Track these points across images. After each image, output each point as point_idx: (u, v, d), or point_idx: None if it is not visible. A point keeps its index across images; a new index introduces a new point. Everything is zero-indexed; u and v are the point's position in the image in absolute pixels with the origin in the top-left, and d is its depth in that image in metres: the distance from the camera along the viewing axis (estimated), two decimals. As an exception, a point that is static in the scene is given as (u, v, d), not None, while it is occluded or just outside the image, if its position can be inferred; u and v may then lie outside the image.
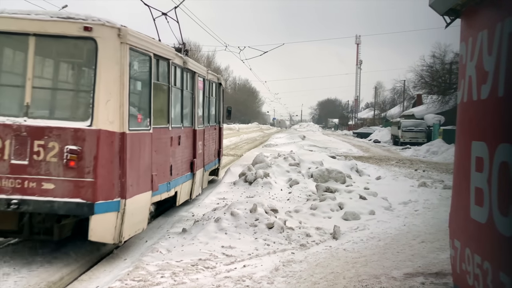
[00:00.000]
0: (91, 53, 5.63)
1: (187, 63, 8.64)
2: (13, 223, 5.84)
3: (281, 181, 11.29)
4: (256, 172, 11.07)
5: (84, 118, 5.54)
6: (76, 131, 5.46)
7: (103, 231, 5.62)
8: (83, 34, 5.56)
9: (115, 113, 5.62)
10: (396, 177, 13.92)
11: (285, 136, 36.19)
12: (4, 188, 5.42)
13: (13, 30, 5.62)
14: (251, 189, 10.43)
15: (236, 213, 7.00)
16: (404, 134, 37.36)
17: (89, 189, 5.46)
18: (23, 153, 5.48)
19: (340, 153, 24.60)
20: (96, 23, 5.61)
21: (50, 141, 5.46)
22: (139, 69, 6.45)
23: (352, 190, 10.12)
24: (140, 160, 6.12)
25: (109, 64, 5.62)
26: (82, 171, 5.46)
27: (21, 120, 5.51)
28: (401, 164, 19.54)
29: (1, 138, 5.48)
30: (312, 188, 10.54)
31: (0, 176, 5.42)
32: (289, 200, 9.68)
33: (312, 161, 13.41)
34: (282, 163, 12.66)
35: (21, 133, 5.47)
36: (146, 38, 6.38)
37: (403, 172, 16.42)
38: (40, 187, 5.44)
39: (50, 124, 5.48)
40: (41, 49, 5.72)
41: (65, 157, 5.45)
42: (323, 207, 8.73)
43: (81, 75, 6.20)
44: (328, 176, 11.78)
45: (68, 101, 5.95)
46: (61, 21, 5.61)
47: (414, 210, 9.22)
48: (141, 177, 6.20)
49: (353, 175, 12.97)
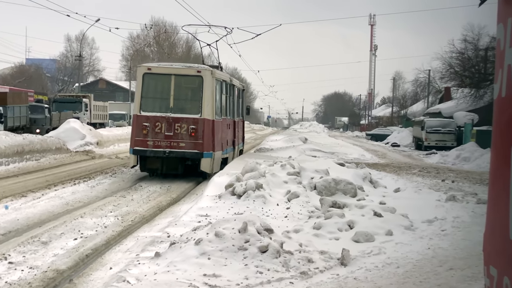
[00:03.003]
0: (200, 83, 15.85)
1: (232, 80, 20.01)
2: (158, 164, 15.96)
3: (278, 194, 11.29)
4: (246, 183, 11.06)
5: (197, 113, 15.70)
6: (194, 119, 15.63)
7: (205, 166, 15.61)
8: (196, 74, 15.90)
9: (210, 110, 15.70)
10: (419, 189, 13.97)
11: (282, 139, 36.23)
12: (162, 145, 15.48)
13: (165, 72, 16.18)
14: (241, 204, 10.42)
15: (221, 234, 6.99)
16: (429, 136, 37.57)
17: (200, 146, 15.51)
18: (170, 129, 15.52)
19: (350, 159, 24.64)
20: (202, 69, 16.04)
21: (183, 123, 15.56)
22: (217, 88, 16.62)
23: (365, 205, 10.15)
24: (218, 134, 16.35)
25: (207, 87, 15.74)
26: (197, 137, 15.53)
27: (169, 114, 15.64)
28: (425, 173, 19.62)
29: (160, 122, 15.55)
30: (315, 203, 10.56)
31: (160, 140, 15.52)
32: (287, 217, 9.68)
33: (315, 169, 13.42)
34: (279, 172, 12.67)
35: (169, 120, 15.54)
36: (220, 72, 17.34)
37: (428, 183, 16.47)
38: (178, 145, 15.46)
39: (182, 116, 15.64)
40: (177, 81, 15.98)
41: (189, 131, 15.55)
42: (329, 226, 8.74)
43: (195, 93, 16.13)
44: (335, 188, 11.79)
45: (190, 105, 16.12)
46: (186, 68, 16.24)
47: (441, 230, 9.25)
48: (219, 143, 16.38)
49: (366, 186, 12.99)
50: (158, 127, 15.74)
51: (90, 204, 11.86)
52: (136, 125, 15.98)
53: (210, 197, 11.39)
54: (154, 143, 15.74)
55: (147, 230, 9.45)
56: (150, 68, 16.45)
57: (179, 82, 16.24)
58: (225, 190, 11.50)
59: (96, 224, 9.77)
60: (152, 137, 15.75)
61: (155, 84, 16.53)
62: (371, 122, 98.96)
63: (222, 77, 17.87)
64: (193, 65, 17.13)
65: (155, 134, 15.74)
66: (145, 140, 15.78)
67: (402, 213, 10.00)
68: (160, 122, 15.72)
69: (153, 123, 15.77)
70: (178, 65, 16.87)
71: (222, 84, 17.72)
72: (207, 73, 16.09)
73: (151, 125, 15.77)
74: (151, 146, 15.75)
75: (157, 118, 15.79)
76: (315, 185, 12.02)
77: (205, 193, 11.92)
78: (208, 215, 9.83)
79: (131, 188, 14.20)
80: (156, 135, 15.74)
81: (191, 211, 10.26)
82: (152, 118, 15.81)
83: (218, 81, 17.03)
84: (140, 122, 15.89)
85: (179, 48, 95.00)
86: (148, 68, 16.47)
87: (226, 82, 18.70)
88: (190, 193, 14.22)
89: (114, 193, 13.36)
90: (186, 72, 16.29)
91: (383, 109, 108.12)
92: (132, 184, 14.95)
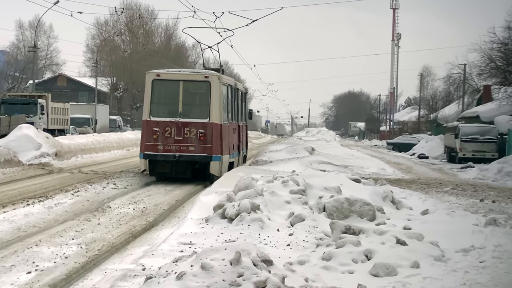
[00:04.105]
0: (207, 88, 20.23)
1: (236, 84, 24.49)
2: (167, 168, 20.04)
3: (278, 217, 11.29)
4: (240, 204, 11.07)
5: (206, 117, 20.10)
6: (203, 123, 20.00)
7: (214, 169, 19.93)
8: (204, 79, 20.38)
9: (218, 114, 20.16)
10: (452, 211, 14.00)
11: (284, 149, 36.21)
12: (172, 149, 19.75)
13: (173, 78, 20.63)
14: (233, 230, 10.42)
15: (209, 266, 7.00)
16: (465, 146, 37.66)
17: (209, 149, 19.87)
18: (180, 133, 19.76)
19: (367, 174, 24.65)
20: (210, 74, 20.61)
21: (192, 128, 19.87)
22: (224, 93, 21.01)
23: (386, 231, 10.16)
24: (226, 138, 20.84)
25: (215, 92, 20.16)
26: (206, 141, 19.83)
27: (178, 119, 19.93)
28: (460, 192, 19.66)
29: (170, 127, 19.79)
30: (324, 228, 10.57)
31: (170, 144, 19.79)
32: (290, 246, 9.70)
33: (324, 186, 13.43)
34: (280, 190, 12.67)
35: (178, 124, 19.83)
36: (226, 77, 22.92)
37: (463, 203, 16.50)
38: (188, 149, 19.79)
39: (191, 120, 20.00)
40: (185, 86, 20.34)
41: (198, 135, 19.81)
42: (341, 257, 8.75)
43: (203, 98, 20.45)
44: (349, 210, 11.80)
45: (198, 109, 20.42)
46: (194, 74, 21.28)
47: (479, 262, 9.27)
48: (226, 147, 20.86)
49: (387, 207, 13.01)
50: (167, 131, 19.82)
51: (47, 229, 11.85)
52: (146, 130, 20.09)
53: (195, 220, 11.39)
54: (164, 147, 19.86)
55: (117, 262, 9.46)
56: (159, 75, 20.54)
57: (187, 87, 20.46)
58: (213, 212, 11.50)
59: (55, 254, 9.76)
60: (162, 141, 19.88)
61: (164, 90, 20.68)
62: (393, 129, 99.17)
63: (228, 81, 22.59)
64: (200, 71, 22.45)
65: (165, 138, 19.85)
66: (155, 144, 19.89)
67: (431, 241, 10.02)
68: (170, 127, 19.83)
69: (163, 128, 19.86)
70: (186, 71, 22.36)
71: (228, 88, 22.14)
72: (215, 79, 20.35)
73: (161, 130, 19.86)
74: (161, 151, 19.86)
75: (167, 123, 19.89)
76: (324, 206, 12.02)
77: (188, 216, 11.92)
78: (193, 243, 9.83)
79: (97, 210, 14.20)
80: (166, 140, 19.85)
81: (172, 238, 10.26)
82: (162, 123, 19.92)
83: (225, 85, 21.45)
84: (150, 127, 19.97)
85: (156, 37, 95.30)
86: (157, 74, 20.55)
87: (231, 86, 23.11)
88: (170, 216, 14.25)
89: (77, 216, 13.36)
90: (194, 78, 20.82)
91: (408, 112, 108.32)
92: (99, 205, 14.96)
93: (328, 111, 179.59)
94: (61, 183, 18.95)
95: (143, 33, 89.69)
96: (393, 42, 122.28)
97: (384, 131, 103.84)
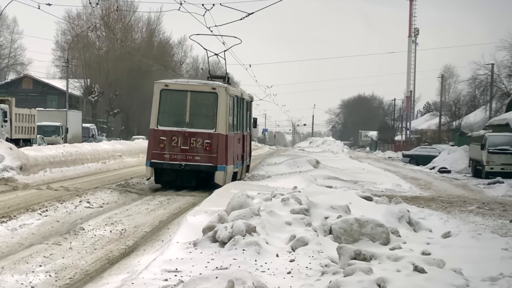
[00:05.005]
0: (214, 99, 24.18)
1: (242, 94, 29.59)
2: (173, 176, 24.13)
3: (277, 240, 11.30)
4: (233, 225, 11.07)
5: (212, 128, 23.97)
6: (209, 133, 23.88)
7: (219, 179, 23.70)
8: (211, 91, 24.32)
9: (224, 125, 24.11)
10: (478, 233, 14.01)
11: (284, 162, 36.26)
12: (178, 158, 23.61)
13: (181, 89, 24.64)
14: (225, 255, 10.41)
15: (198, 297, 7.00)
16: (492, 159, 37.71)
17: (214, 159, 23.76)
18: (186, 143, 23.62)
19: (380, 191, 24.68)
20: (217, 86, 24.66)
21: (198, 138, 23.72)
22: (230, 104, 25.14)
23: (401, 257, 10.17)
24: (231, 148, 24.98)
25: (222, 103, 24.09)
26: (212, 151, 23.73)
27: (185, 129, 23.79)
28: (487, 211, 19.69)
29: (177, 136, 23.72)
30: (330, 253, 10.57)
31: (176, 153, 23.64)
32: (291, 274, 9.69)
33: (331, 205, 13.45)
34: (279, 209, 12.68)
35: (185, 134, 23.72)
36: (233, 88, 27.78)
37: (490, 224, 16.52)
38: (194, 158, 23.63)
39: (197, 130, 23.87)
40: (192, 97, 24.25)
41: (204, 145, 23.68)
42: (350, 287, 8.76)
43: (210, 109, 24.39)
44: (359, 232, 11.82)
45: (205, 120, 24.29)
46: (202, 85, 25.16)
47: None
48: (231, 157, 24.99)
49: (402, 229, 13.02)
50: (174, 141, 23.53)
51: (10, 254, 11.82)
52: (153, 138, 23.99)
53: (182, 244, 11.37)
54: (170, 156, 23.57)
55: (92, 292, 9.43)
56: (167, 85, 24.44)
57: (195, 98, 24.24)
58: (202, 234, 11.50)
59: (19, 283, 9.74)
60: (168, 150, 23.61)
61: (171, 100, 24.50)
62: (410, 138, 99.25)
63: (234, 92, 26.86)
64: (208, 82, 26.08)
65: (171, 147, 23.58)
66: (162, 153, 23.64)
67: (453, 268, 10.03)
68: (177, 136, 23.57)
69: (170, 137, 23.59)
70: (194, 82, 26.62)
71: (234, 99, 26.17)
72: (222, 90, 24.22)
73: (167, 139, 23.58)
74: (168, 159, 23.59)
75: (174, 133, 23.61)
76: (331, 227, 12.03)
77: (174, 239, 11.90)
78: (179, 270, 9.82)
79: (69, 232, 14.18)
80: (173, 149, 23.58)
81: (155, 265, 10.24)
82: (169, 133, 23.64)
83: (231, 96, 25.32)
84: (157, 136, 23.79)
85: (137, 33, 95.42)
86: (165, 84, 24.49)
87: (238, 97, 27.41)
88: (153, 239, 14.22)
89: (45, 239, 13.34)
90: (201, 89, 24.60)
91: (427, 119, 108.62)
92: (71, 227, 14.95)
93: (334, 118, 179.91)
94: (27, 201, 18.91)
95: (121, 28, 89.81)
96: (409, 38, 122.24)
97: (400, 141, 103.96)
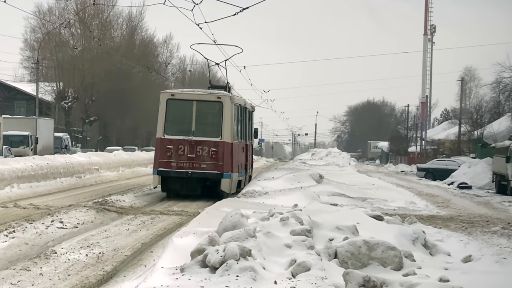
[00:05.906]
0: (220, 108, 28.76)
1: (245, 103, 34.85)
2: (179, 184, 28.68)
3: (276, 265, 11.34)
4: (225, 248, 11.12)
5: (218, 136, 28.58)
6: (214, 142, 28.46)
7: (225, 186, 28.51)
8: (217, 100, 29.06)
9: (229, 134, 28.77)
10: (503, 257, 14.08)
11: (283, 176, 36.22)
12: (185, 166, 28.12)
13: (187, 98, 29.46)
14: (216, 282, 10.45)
15: (185, 328, 7.07)
16: (519, 173, 37.75)
17: (220, 167, 28.30)
18: (192, 151, 28.14)
19: (392, 209, 24.69)
20: (222, 95, 29.35)
21: (204, 146, 28.30)
22: (235, 113, 30.00)
23: (416, 284, 10.24)
24: (236, 156, 30.07)
25: (227, 112, 28.68)
26: (217, 159, 28.33)
27: (191, 137, 28.29)
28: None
29: (183, 145, 28.24)
30: (336, 280, 10.63)
31: (183, 161, 28.17)
32: (291, 302, 9.75)
33: (336, 225, 13.49)
34: (278, 230, 12.73)
35: (191, 143, 28.21)
36: (237, 97, 33.43)
37: (517, 247, 16.56)
38: (200, 166, 28.20)
39: (203, 139, 28.38)
40: (198, 106, 28.90)
41: (210, 153, 28.26)
42: (357, 316, 8.82)
43: (215, 118, 28.91)
44: (368, 256, 11.87)
45: (211, 129, 28.90)
46: (207, 94, 29.84)
47: (536, 323, 9.36)
48: (236, 165, 30.00)
49: (417, 253, 13.08)
50: (181, 149, 27.53)
51: (-27, 281, 11.88)
52: (160, 147, 27.99)
53: (167, 270, 11.39)
54: (177, 164, 27.58)
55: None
56: (173, 94, 28.88)
57: (201, 107, 28.39)
58: (191, 259, 11.53)
59: (-16, 313, 9.81)
60: (175, 158, 27.61)
61: (177, 109, 28.59)
62: (425, 150, 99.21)
63: (238, 102, 31.23)
64: (213, 92, 30.17)
65: (178, 156, 27.56)
66: (168, 161, 27.63)
67: (474, 296, 10.10)
68: (183, 145, 27.55)
69: (176, 146, 27.56)
70: (199, 91, 30.50)
71: (238, 108, 30.37)
72: (227, 99, 28.42)
73: (174, 147, 27.55)
74: (175, 167, 27.57)
75: (180, 141, 27.61)
76: (336, 251, 12.08)
77: (158, 264, 11.92)
78: (164, 299, 9.88)
79: (39, 256, 14.21)
80: (179, 157, 27.57)
81: (137, 293, 10.30)
82: (176, 141, 27.68)
83: (236, 105, 29.52)
84: (164, 145, 27.77)
85: (116, 30, 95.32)
86: (171, 94, 28.95)
87: (241, 106, 31.64)
88: (134, 263, 14.26)
89: (12, 264, 13.39)
90: (207, 98, 28.85)
91: (445, 128, 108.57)
92: (42, 250, 14.98)
93: (340, 127, 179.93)
94: (-9, 221, 18.95)
95: (98, 25, 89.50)
96: (425, 37, 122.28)
97: (414, 153, 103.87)
